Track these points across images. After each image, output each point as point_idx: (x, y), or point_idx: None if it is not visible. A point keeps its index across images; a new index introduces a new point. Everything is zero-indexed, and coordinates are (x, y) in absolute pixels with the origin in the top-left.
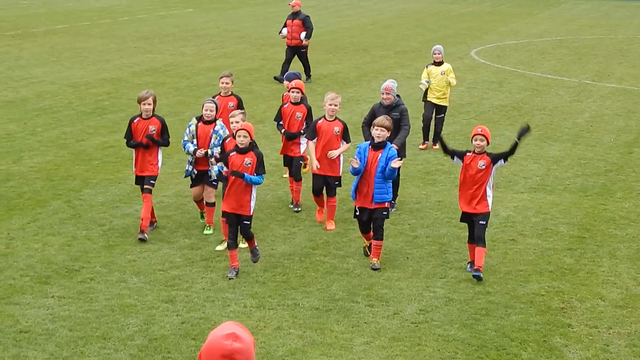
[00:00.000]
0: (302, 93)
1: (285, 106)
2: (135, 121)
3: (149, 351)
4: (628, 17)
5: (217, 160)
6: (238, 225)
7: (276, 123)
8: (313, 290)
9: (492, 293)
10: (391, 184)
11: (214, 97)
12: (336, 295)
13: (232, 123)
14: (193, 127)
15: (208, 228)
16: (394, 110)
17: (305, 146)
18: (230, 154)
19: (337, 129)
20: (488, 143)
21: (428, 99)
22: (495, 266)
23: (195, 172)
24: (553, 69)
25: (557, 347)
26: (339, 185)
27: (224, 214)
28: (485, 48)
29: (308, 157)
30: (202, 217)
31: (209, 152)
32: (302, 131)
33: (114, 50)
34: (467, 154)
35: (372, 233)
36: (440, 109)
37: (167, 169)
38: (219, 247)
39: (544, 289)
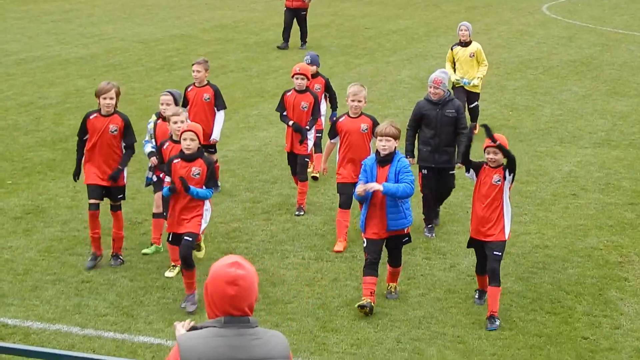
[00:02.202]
0: (309, 79)
1: (288, 94)
2: (92, 117)
3: None
4: None
5: (157, 168)
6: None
7: (279, 114)
8: None
9: (550, 247)
10: (409, 204)
11: (187, 87)
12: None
13: (175, 123)
14: (151, 125)
15: (150, 246)
16: (448, 107)
17: (312, 142)
18: (174, 161)
19: (365, 125)
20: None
21: (455, 85)
22: (555, 220)
23: (155, 178)
24: (625, 24)
25: (612, 301)
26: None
27: (170, 235)
28: (557, 3)
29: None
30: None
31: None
32: (307, 127)
33: (184, 7)
34: (485, 166)
35: (375, 279)
36: (472, 97)
37: (233, 124)
38: (169, 274)
39: (602, 243)
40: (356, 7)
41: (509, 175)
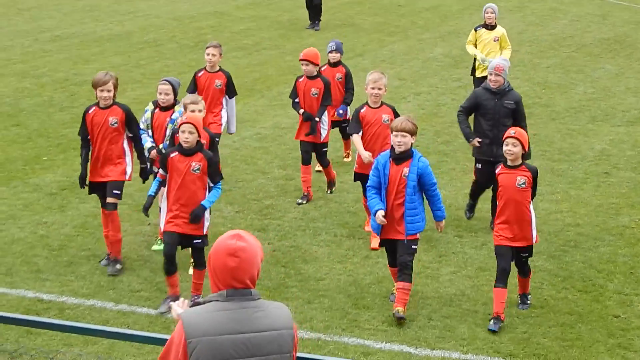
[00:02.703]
0: (315, 64)
1: (300, 80)
2: (90, 111)
3: None
4: None
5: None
6: (177, 247)
7: (292, 101)
8: None
9: (582, 225)
10: (423, 208)
11: (198, 72)
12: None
13: (192, 112)
14: (148, 114)
15: (159, 242)
16: (507, 98)
17: (327, 130)
18: (172, 155)
19: (387, 116)
20: (524, 150)
21: (477, 75)
22: (587, 199)
23: (156, 170)
24: None
25: None
26: None
27: (166, 234)
28: None
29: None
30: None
31: (162, 146)
32: (316, 118)
33: None
34: (497, 170)
35: (396, 269)
36: None
37: (267, 102)
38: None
39: (634, 221)
40: None
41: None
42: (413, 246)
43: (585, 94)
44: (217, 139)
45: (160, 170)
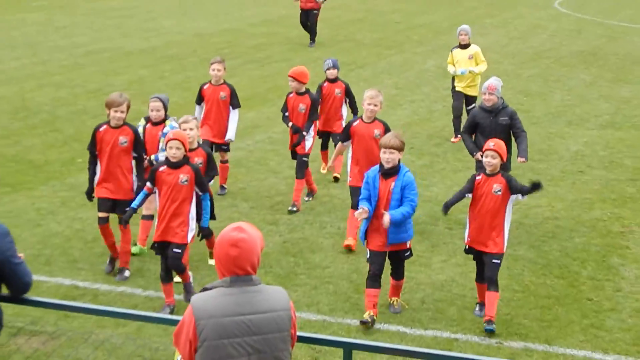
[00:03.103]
0: (300, 82)
1: (290, 95)
2: (101, 129)
3: None
4: None
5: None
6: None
7: (282, 114)
8: None
9: (559, 218)
10: (410, 219)
11: (204, 85)
12: (419, 219)
13: (184, 130)
14: (141, 129)
15: (134, 245)
16: (501, 115)
17: (312, 142)
18: (160, 169)
19: (378, 131)
20: (503, 161)
21: (456, 87)
22: (563, 194)
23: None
24: (629, 18)
25: (614, 266)
26: None
27: (154, 244)
28: None
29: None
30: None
31: (153, 158)
32: (303, 132)
33: (234, 4)
34: (477, 177)
35: (378, 291)
36: (470, 100)
37: (277, 110)
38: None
39: (606, 214)
40: (387, 3)
41: (522, 197)
42: (406, 253)
43: (562, 100)
44: (226, 148)
45: (148, 183)
